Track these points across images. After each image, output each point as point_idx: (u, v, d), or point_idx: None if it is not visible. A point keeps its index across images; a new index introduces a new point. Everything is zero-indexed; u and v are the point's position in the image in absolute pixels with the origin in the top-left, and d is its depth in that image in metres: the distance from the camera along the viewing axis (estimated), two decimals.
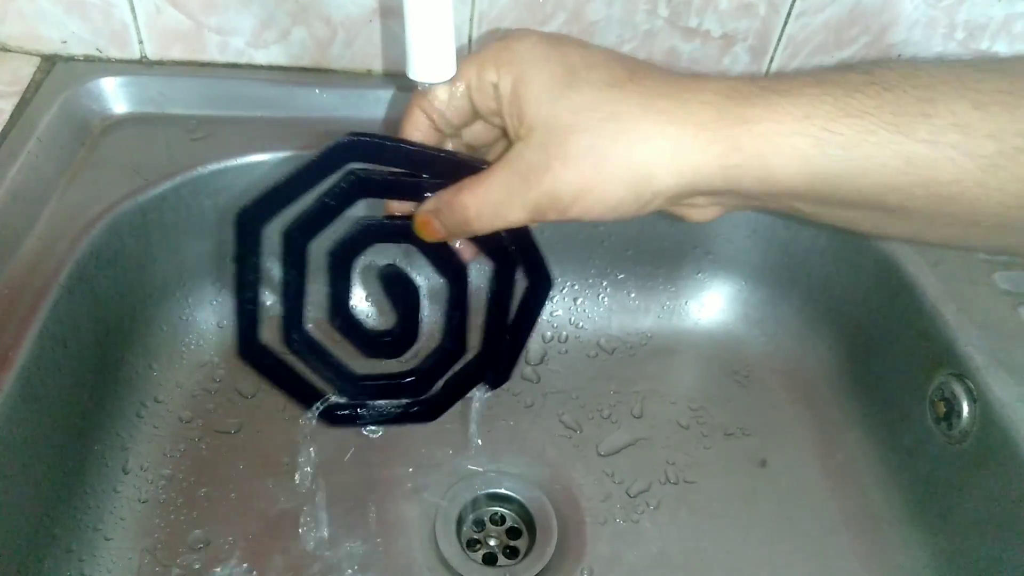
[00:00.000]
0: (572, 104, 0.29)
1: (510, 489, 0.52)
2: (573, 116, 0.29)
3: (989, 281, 0.51)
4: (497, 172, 0.31)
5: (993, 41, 0.59)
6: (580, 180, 0.29)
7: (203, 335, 0.57)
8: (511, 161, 0.30)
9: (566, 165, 0.29)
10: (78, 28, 0.55)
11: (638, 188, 0.29)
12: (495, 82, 0.31)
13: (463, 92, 0.32)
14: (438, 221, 0.32)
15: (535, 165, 0.30)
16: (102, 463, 0.48)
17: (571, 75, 0.30)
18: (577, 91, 0.29)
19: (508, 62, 0.31)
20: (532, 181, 0.30)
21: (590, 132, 0.29)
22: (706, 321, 0.63)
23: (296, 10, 0.55)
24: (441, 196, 0.32)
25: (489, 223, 0.31)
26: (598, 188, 0.29)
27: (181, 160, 0.53)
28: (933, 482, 0.49)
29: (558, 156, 0.29)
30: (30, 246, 0.46)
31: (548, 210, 0.30)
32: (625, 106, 0.29)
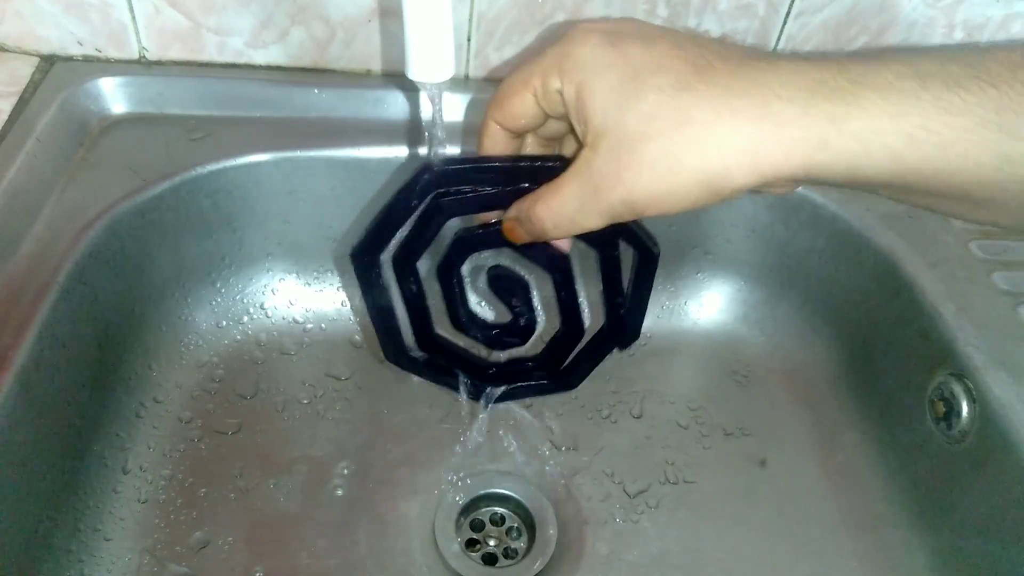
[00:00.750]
0: (639, 113, 0.28)
1: (509, 489, 0.52)
2: (642, 124, 0.28)
3: (988, 281, 0.51)
4: (568, 183, 0.31)
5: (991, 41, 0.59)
6: (655, 187, 0.29)
7: (202, 335, 0.57)
8: (580, 171, 0.30)
9: (640, 174, 0.28)
10: (76, 28, 0.55)
11: (716, 187, 0.28)
12: (559, 89, 0.31)
13: (532, 101, 0.32)
14: (521, 229, 0.33)
15: (606, 175, 0.29)
16: (101, 463, 0.48)
17: (636, 80, 0.29)
18: (644, 98, 0.28)
19: (571, 69, 0.30)
20: (604, 191, 0.29)
21: (662, 139, 0.28)
22: (705, 321, 0.63)
23: (295, 10, 0.55)
24: (521, 205, 0.33)
25: (566, 232, 0.32)
26: (675, 193, 0.29)
27: (180, 160, 0.53)
28: (932, 482, 0.49)
29: (629, 166, 0.29)
30: (29, 246, 0.46)
31: (624, 214, 0.30)
32: (698, 111, 0.28)
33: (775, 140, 0.27)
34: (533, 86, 0.31)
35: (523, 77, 0.32)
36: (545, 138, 0.35)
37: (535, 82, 0.31)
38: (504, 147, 0.34)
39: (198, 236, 0.55)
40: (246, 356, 0.57)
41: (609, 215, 0.30)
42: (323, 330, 0.59)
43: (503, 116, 0.33)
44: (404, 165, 0.55)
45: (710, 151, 0.28)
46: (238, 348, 0.57)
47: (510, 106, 0.33)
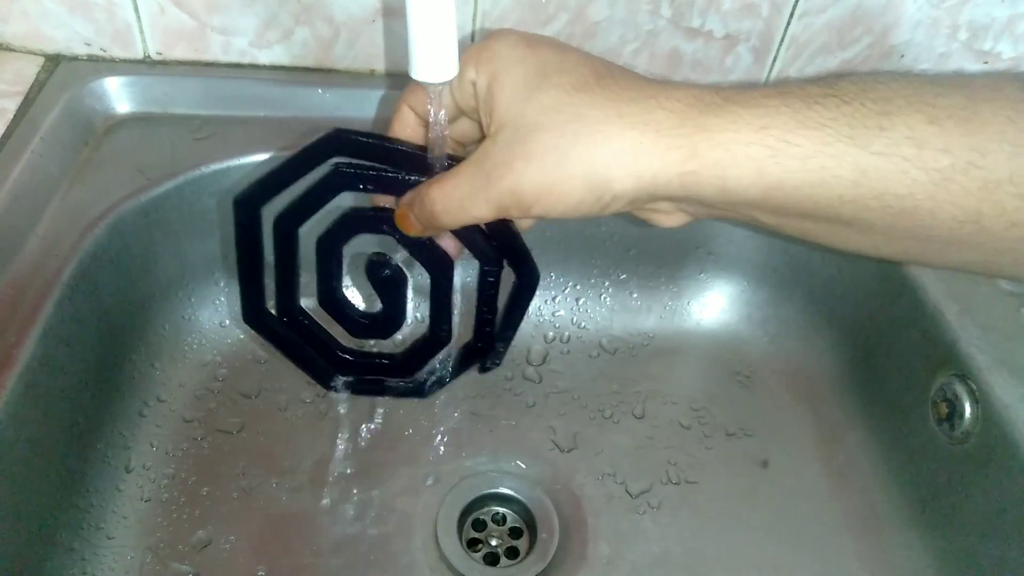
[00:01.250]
0: (539, 105, 0.30)
1: (512, 489, 0.52)
2: (539, 116, 0.30)
3: (992, 282, 0.51)
4: (464, 168, 0.31)
5: (996, 41, 0.59)
6: (541, 178, 0.30)
7: (206, 334, 0.57)
8: (478, 158, 0.31)
9: (529, 163, 0.30)
10: (82, 28, 0.55)
11: (598, 189, 0.30)
12: (474, 80, 0.32)
13: (446, 90, 0.33)
14: (412, 215, 0.33)
15: (499, 162, 0.30)
16: (105, 462, 0.48)
17: (541, 77, 0.30)
18: (545, 92, 0.30)
19: (487, 60, 0.32)
20: (495, 178, 0.30)
21: (553, 132, 0.29)
22: (708, 321, 0.63)
23: (299, 10, 0.55)
24: (416, 190, 0.33)
25: (454, 218, 0.32)
26: (558, 187, 0.30)
27: (184, 160, 0.53)
28: (935, 483, 0.49)
29: (522, 155, 0.30)
30: (33, 245, 0.46)
31: (511, 207, 0.31)
32: (589, 109, 0.30)
33: (653, 146, 0.29)
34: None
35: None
36: (456, 140, 0.36)
37: None
38: (411, 133, 0.35)
39: (202, 235, 0.55)
40: (249, 355, 0.57)
41: (497, 203, 0.31)
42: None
43: (416, 100, 0.34)
44: None
45: (596, 149, 0.29)
46: (241, 347, 0.57)
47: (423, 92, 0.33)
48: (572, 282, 0.62)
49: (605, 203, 0.30)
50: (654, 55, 0.59)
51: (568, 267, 0.60)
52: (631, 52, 0.58)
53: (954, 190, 0.28)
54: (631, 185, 0.30)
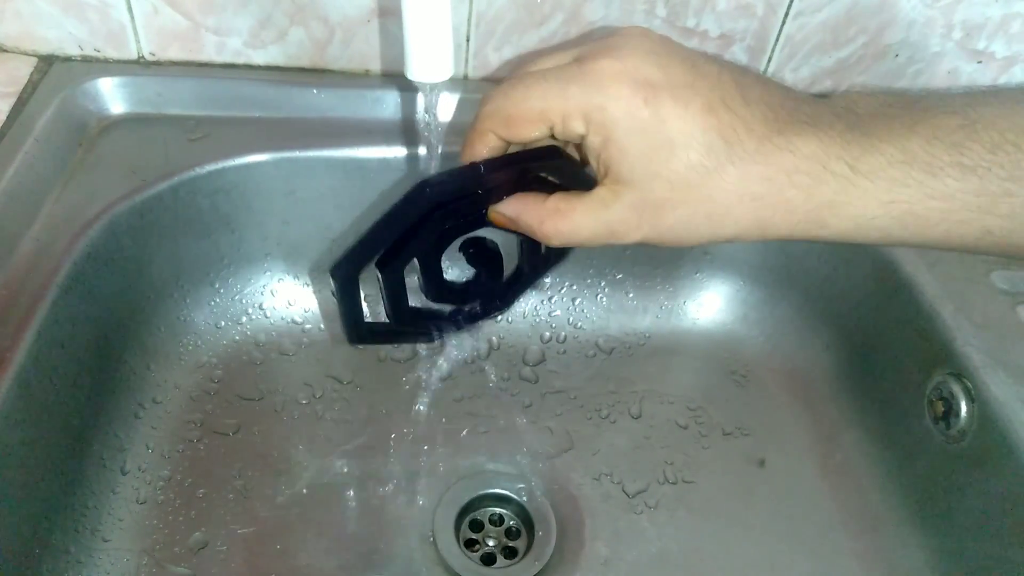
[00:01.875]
0: (668, 182, 0.30)
1: (509, 489, 0.52)
2: (668, 192, 0.30)
3: (987, 281, 0.51)
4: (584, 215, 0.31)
5: (990, 41, 0.59)
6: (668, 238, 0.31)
7: (201, 336, 0.57)
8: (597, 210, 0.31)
9: (656, 229, 0.31)
10: (75, 28, 0.55)
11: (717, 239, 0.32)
12: (583, 134, 0.30)
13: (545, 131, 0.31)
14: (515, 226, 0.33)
15: (626, 222, 0.31)
16: (100, 464, 0.48)
17: (667, 149, 0.29)
18: (673, 169, 0.30)
19: (600, 123, 0.30)
20: (619, 235, 0.31)
21: (684, 209, 0.30)
22: (704, 321, 0.63)
23: (294, 10, 0.55)
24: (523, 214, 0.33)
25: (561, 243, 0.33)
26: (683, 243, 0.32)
27: (179, 160, 0.53)
28: (931, 481, 0.49)
29: (650, 222, 0.31)
30: (27, 247, 0.46)
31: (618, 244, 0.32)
32: (721, 193, 0.30)
33: (783, 221, 0.30)
34: (551, 121, 0.31)
35: (540, 107, 0.30)
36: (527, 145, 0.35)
37: (554, 118, 0.30)
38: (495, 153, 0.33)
39: (197, 236, 0.54)
40: (245, 357, 0.57)
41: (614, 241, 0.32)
42: (322, 330, 0.59)
43: (507, 134, 0.32)
44: (402, 166, 0.55)
45: (726, 225, 0.31)
46: (237, 349, 0.57)
47: (519, 130, 0.31)
48: (568, 282, 0.62)
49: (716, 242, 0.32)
50: None
51: (564, 267, 0.60)
52: None
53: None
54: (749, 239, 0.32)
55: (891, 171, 0.29)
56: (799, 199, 0.30)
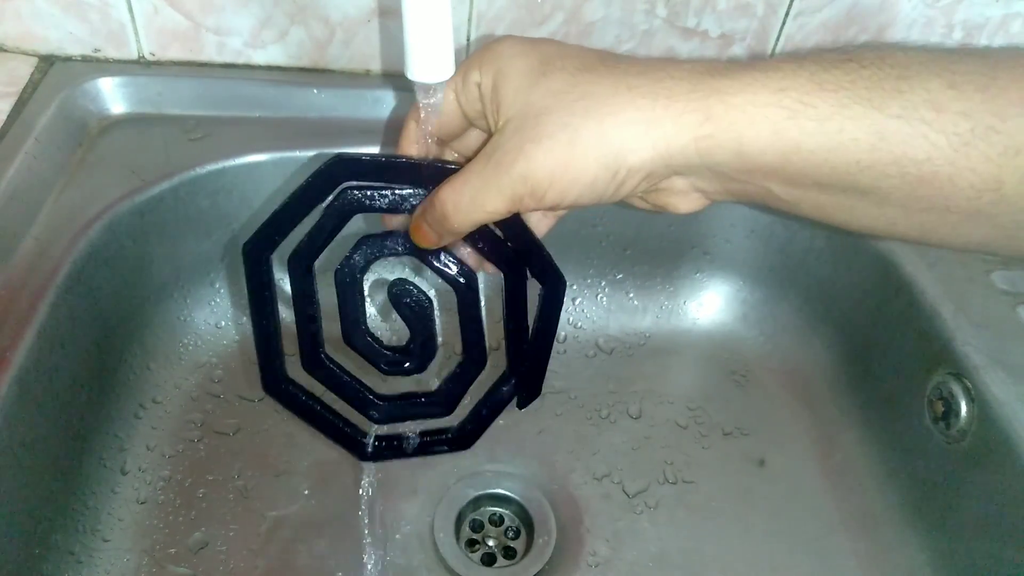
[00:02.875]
0: (545, 89, 0.30)
1: (508, 489, 0.52)
2: (546, 100, 0.30)
3: (987, 281, 0.51)
4: (472, 164, 0.31)
5: (991, 41, 0.59)
6: (553, 159, 0.29)
7: (201, 336, 0.57)
8: (486, 152, 0.31)
9: (539, 145, 0.29)
10: (75, 28, 0.55)
11: (613, 164, 0.29)
12: (478, 81, 0.32)
13: (452, 97, 0.33)
14: (425, 223, 0.32)
15: (509, 150, 0.30)
16: (100, 464, 0.48)
17: (545, 64, 0.31)
18: (550, 77, 0.30)
19: (489, 60, 0.32)
20: (505, 165, 0.30)
21: (562, 112, 0.29)
22: (704, 321, 0.63)
23: (294, 10, 0.55)
24: (427, 198, 0.32)
25: (467, 216, 0.31)
26: (572, 166, 0.29)
27: (179, 160, 0.53)
28: (931, 481, 0.49)
29: (531, 138, 0.29)
30: (27, 247, 0.46)
31: (525, 195, 0.30)
32: (597, 86, 0.30)
33: (666, 111, 0.29)
34: (454, 82, 0.32)
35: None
36: (464, 155, 0.36)
37: (456, 79, 0.32)
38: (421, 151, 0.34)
39: (197, 236, 0.54)
40: (245, 357, 0.57)
41: (511, 193, 0.30)
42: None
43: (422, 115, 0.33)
44: None
45: (606, 121, 0.29)
46: (237, 349, 0.57)
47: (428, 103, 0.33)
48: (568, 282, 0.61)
49: (621, 179, 0.30)
50: (649, 54, 0.59)
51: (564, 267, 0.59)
52: (626, 52, 0.58)
53: (973, 156, 0.28)
54: (646, 156, 0.29)
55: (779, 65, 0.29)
56: (681, 87, 0.29)
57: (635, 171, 0.30)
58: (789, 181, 0.30)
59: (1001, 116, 0.28)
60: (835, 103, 0.28)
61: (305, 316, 0.34)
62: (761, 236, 0.60)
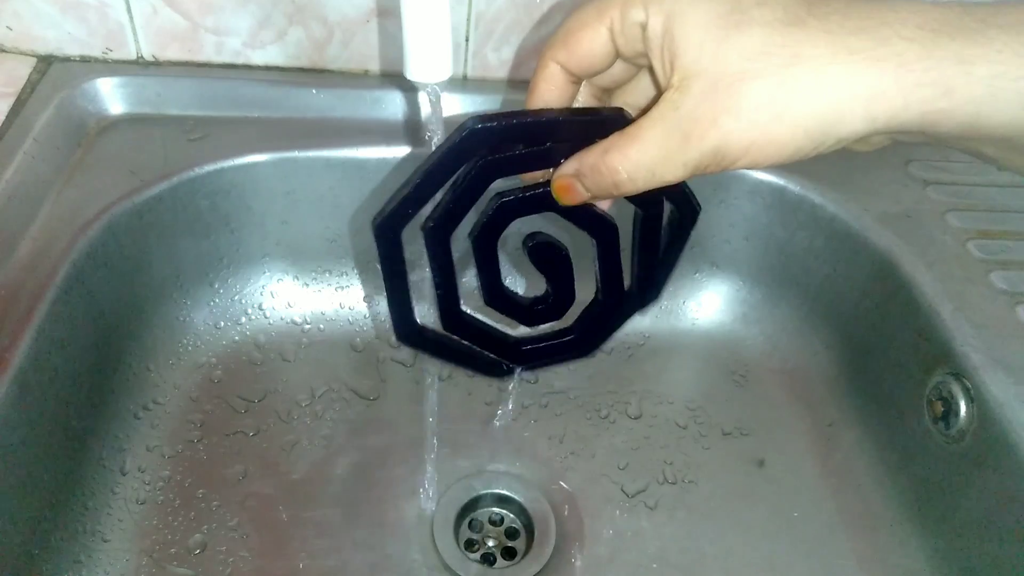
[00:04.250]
0: (742, 48, 0.25)
1: (508, 489, 0.52)
2: (745, 62, 0.25)
3: (986, 281, 0.51)
4: (650, 129, 0.27)
5: None
6: (755, 134, 0.25)
7: (200, 336, 0.57)
8: (666, 115, 0.26)
9: (739, 119, 0.25)
10: (74, 29, 0.55)
11: (820, 136, 0.25)
12: (643, 22, 0.27)
13: (606, 36, 0.28)
14: (581, 185, 0.29)
15: (699, 119, 0.26)
16: (100, 464, 0.48)
17: (738, 13, 0.26)
18: (747, 32, 0.25)
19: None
20: (695, 138, 0.26)
21: (768, 80, 0.25)
22: (704, 321, 0.63)
23: (293, 11, 0.55)
24: (584, 159, 0.29)
25: (643, 184, 0.28)
26: (775, 140, 0.25)
27: (178, 161, 0.53)
28: (930, 482, 0.49)
29: (728, 110, 0.25)
30: (26, 247, 0.46)
31: (711, 166, 0.26)
32: (810, 47, 0.25)
33: (895, 84, 0.24)
34: (610, 17, 0.28)
35: (598, 7, 0.28)
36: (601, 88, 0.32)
37: (613, 13, 0.28)
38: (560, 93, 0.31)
39: (196, 237, 0.54)
40: (244, 357, 0.57)
41: (695, 166, 0.26)
42: (321, 331, 0.59)
43: (568, 54, 0.29)
44: (401, 166, 0.55)
45: (822, 94, 0.25)
46: (236, 349, 0.57)
47: (577, 42, 0.29)
48: None
49: (824, 149, 0.26)
50: None
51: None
52: None
53: None
54: (861, 128, 0.25)
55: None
56: (913, 52, 0.24)
57: (843, 140, 0.26)
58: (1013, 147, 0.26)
59: None
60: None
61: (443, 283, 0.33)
62: (761, 236, 0.60)
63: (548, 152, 0.30)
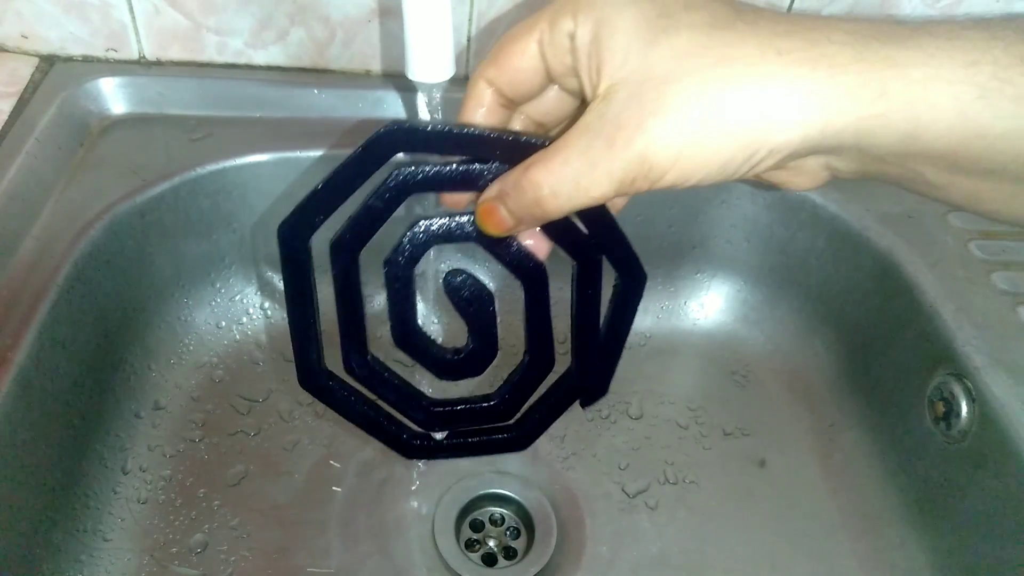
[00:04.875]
0: (669, 50, 0.24)
1: (509, 489, 0.52)
2: (671, 64, 0.24)
3: (987, 281, 0.51)
4: (573, 139, 0.25)
5: None
6: (683, 138, 0.24)
7: (202, 336, 0.57)
8: (589, 124, 0.25)
9: (665, 120, 0.24)
10: (76, 28, 0.55)
11: (753, 144, 0.24)
12: (571, 31, 0.26)
13: (535, 51, 0.27)
14: (504, 208, 0.27)
15: (624, 124, 0.24)
16: (101, 464, 0.48)
17: (666, 17, 0.25)
18: (674, 35, 0.24)
19: (588, 6, 0.26)
20: (620, 143, 0.24)
21: (694, 79, 0.24)
22: (705, 321, 0.63)
23: (294, 11, 0.55)
24: (507, 178, 0.27)
25: (568, 201, 0.26)
26: (704, 147, 0.24)
27: (180, 160, 0.53)
28: (932, 482, 0.49)
29: (655, 111, 0.24)
30: (28, 247, 0.46)
31: (638, 179, 0.25)
32: (738, 48, 0.24)
33: (830, 85, 0.23)
34: (539, 30, 0.27)
35: (528, 23, 0.28)
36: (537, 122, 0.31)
37: (542, 25, 0.27)
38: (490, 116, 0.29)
39: (198, 236, 0.55)
40: (246, 357, 0.57)
41: (622, 175, 0.25)
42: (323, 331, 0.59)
43: (498, 71, 0.28)
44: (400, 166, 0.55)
45: (753, 94, 0.23)
46: (238, 349, 0.57)
47: (507, 57, 0.28)
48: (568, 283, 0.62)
49: (756, 160, 0.25)
50: None
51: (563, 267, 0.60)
52: None
53: None
54: (796, 135, 0.24)
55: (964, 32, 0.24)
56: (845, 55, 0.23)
57: (777, 151, 0.24)
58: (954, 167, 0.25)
59: None
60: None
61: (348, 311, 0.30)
62: (762, 236, 0.60)
63: (474, 175, 0.28)
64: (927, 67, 0.23)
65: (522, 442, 0.35)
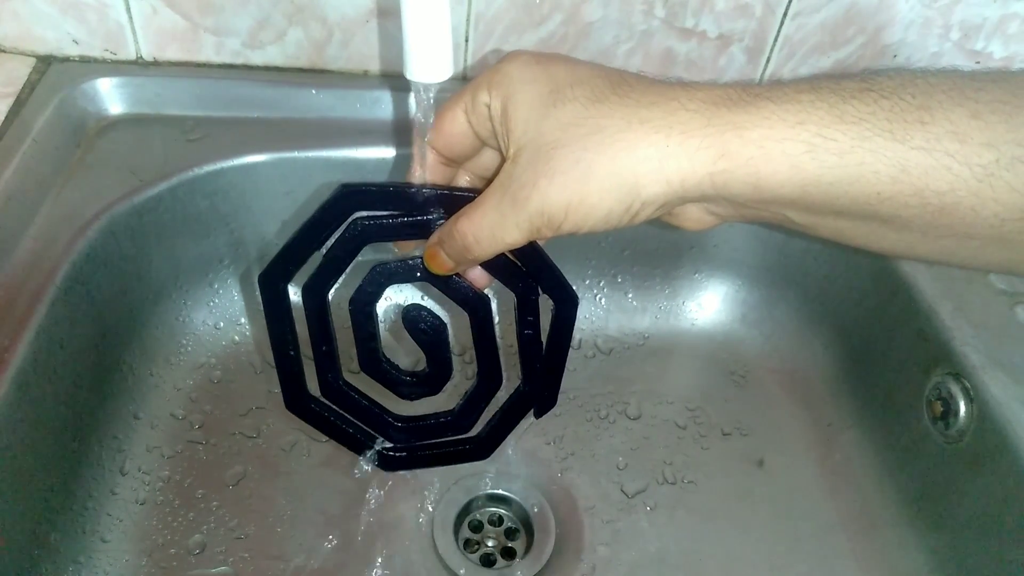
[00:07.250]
0: (556, 121, 0.30)
1: (508, 490, 0.52)
2: (557, 132, 0.29)
3: (985, 281, 0.51)
4: (489, 196, 0.31)
5: (988, 41, 0.59)
6: (567, 194, 0.29)
7: (199, 336, 0.57)
8: (501, 182, 0.31)
9: (552, 181, 0.29)
10: (73, 29, 0.55)
11: (627, 198, 0.29)
12: (487, 103, 0.32)
13: (462, 118, 0.33)
14: (443, 253, 0.33)
15: (524, 184, 0.30)
16: (99, 465, 0.48)
17: (556, 93, 0.30)
18: (561, 108, 0.30)
19: (499, 83, 0.31)
20: (521, 200, 0.30)
21: (574, 146, 0.29)
22: (703, 321, 0.63)
23: (292, 11, 0.55)
24: (444, 228, 0.32)
25: (488, 247, 0.31)
26: (586, 201, 0.29)
27: (177, 161, 0.52)
28: (930, 481, 0.49)
29: (544, 173, 0.29)
30: (26, 247, 0.46)
31: (542, 227, 0.30)
32: (609, 119, 0.29)
33: (681, 148, 0.28)
34: (464, 102, 0.32)
35: (457, 96, 0.33)
36: (478, 176, 0.36)
37: (466, 98, 0.32)
38: (432, 173, 0.35)
39: (195, 237, 0.54)
40: (243, 357, 0.57)
41: (528, 226, 0.30)
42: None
43: (436, 135, 0.34)
44: (400, 166, 0.55)
45: (620, 157, 0.29)
46: (235, 349, 0.57)
47: (440, 122, 0.33)
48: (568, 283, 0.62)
49: (635, 211, 0.30)
50: (648, 55, 0.59)
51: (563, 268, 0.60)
52: (625, 52, 0.58)
53: (998, 186, 0.27)
54: (660, 190, 0.29)
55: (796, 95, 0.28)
56: (696, 121, 0.28)
57: (649, 203, 0.29)
58: (807, 210, 0.30)
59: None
60: (856, 136, 0.27)
61: (321, 346, 0.35)
62: (760, 237, 0.60)
63: (423, 224, 0.33)
64: (762, 128, 0.28)
65: (483, 451, 0.40)
